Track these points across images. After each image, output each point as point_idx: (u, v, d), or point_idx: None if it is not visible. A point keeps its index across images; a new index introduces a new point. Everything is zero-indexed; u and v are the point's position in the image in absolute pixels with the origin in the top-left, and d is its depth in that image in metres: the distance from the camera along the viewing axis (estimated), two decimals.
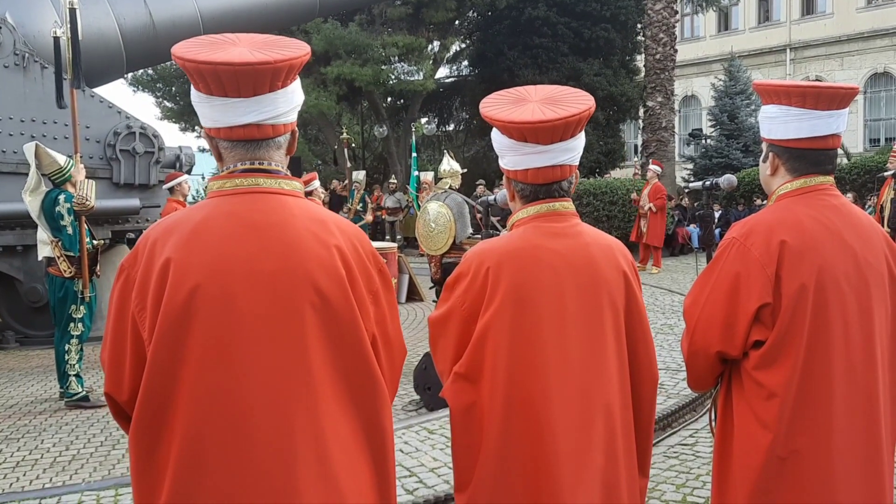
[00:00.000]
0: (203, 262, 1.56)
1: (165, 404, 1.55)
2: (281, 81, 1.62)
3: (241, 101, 1.60)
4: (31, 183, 5.75)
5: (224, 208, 1.63)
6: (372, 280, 1.72)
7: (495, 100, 2.05)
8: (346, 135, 16.10)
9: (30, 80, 8.15)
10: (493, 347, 1.87)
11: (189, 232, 1.60)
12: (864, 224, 2.17)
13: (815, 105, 2.10)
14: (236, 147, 1.66)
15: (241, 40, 1.65)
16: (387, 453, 1.70)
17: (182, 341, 1.54)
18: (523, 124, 1.90)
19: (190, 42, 1.65)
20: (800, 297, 2.03)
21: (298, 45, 1.69)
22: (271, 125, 1.65)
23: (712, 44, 31.41)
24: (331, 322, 1.61)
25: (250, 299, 1.56)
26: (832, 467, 2.05)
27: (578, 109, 1.93)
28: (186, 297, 1.54)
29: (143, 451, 1.58)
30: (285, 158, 1.73)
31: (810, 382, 2.04)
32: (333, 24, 19.56)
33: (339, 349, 1.62)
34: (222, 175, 1.68)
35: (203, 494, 1.53)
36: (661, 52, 17.52)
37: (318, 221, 1.66)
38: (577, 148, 2.00)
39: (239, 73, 1.56)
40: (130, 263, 1.64)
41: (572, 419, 1.86)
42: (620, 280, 1.98)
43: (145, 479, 1.58)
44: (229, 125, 1.63)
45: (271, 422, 1.55)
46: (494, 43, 22.48)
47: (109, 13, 9.02)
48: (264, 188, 1.65)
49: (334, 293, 1.61)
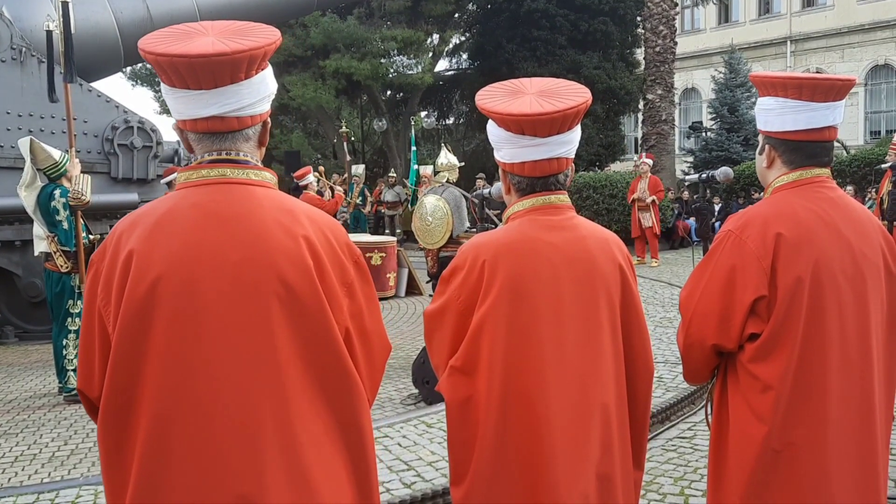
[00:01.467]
0: (166, 254, 1.54)
1: (130, 399, 1.54)
2: (243, 72, 1.58)
3: (202, 94, 1.57)
4: (26, 178, 5.75)
5: (190, 199, 1.61)
6: (346, 272, 1.67)
7: (491, 92, 2.03)
8: (345, 128, 16.11)
9: (27, 74, 8.13)
10: (490, 341, 1.86)
11: (153, 223, 1.58)
12: (861, 216, 2.16)
13: (811, 97, 2.09)
14: (203, 139, 1.63)
15: (211, 29, 1.62)
16: (365, 450, 1.67)
17: (144, 334, 1.53)
18: (521, 116, 1.89)
19: (158, 33, 1.62)
20: (795, 290, 2.02)
21: (267, 33, 1.64)
22: (236, 117, 1.61)
23: (713, 36, 31.35)
24: (298, 314, 1.57)
25: (214, 290, 1.54)
26: (827, 459, 2.05)
27: (576, 102, 1.92)
28: (148, 288, 1.52)
29: (110, 445, 1.57)
30: (257, 149, 1.70)
31: (806, 375, 2.03)
32: (332, 17, 19.52)
33: (308, 341, 1.59)
34: (190, 166, 1.66)
35: (168, 489, 1.51)
36: (661, 44, 17.48)
37: (286, 212, 1.63)
38: (573, 141, 1.99)
39: (195, 64, 1.53)
40: (99, 257, 1.62)
41: (569, 412, 1.86)
42: (616, 273, 1.97)
43: (114, 473, 1.57)
44: (193, 118, 1.60)
45: (237, 415, 1.52)
46: (493, 36, 22.41)
47: (107, 7, 9.00)
48: (231, 179, 1.62)
49: (301, 284, 1.57)
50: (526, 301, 1.87)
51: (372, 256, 10.33)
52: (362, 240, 10.91)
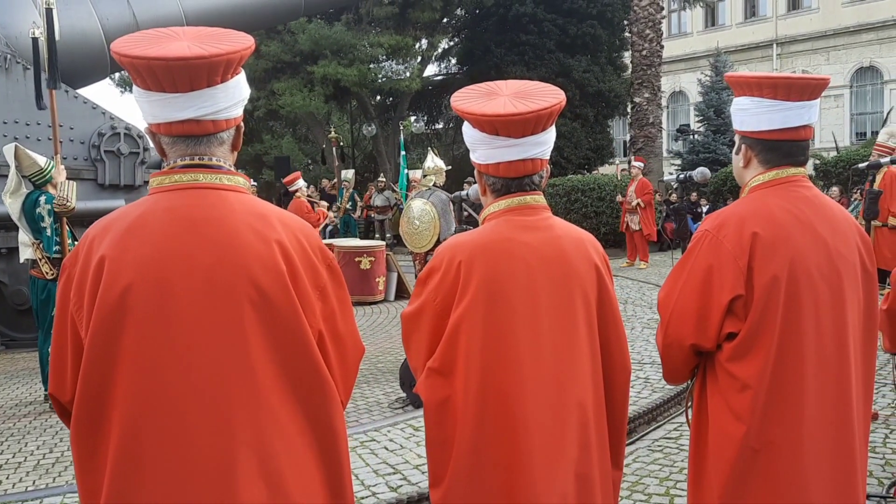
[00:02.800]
0: (137, 259, 1.54)
1: (102, 403, 1.54)
2: (220, 76, 1.59)
3: (178, 97, 1.57)
4: (10, 185, 5.72)
5: (162, 204, 1.61)
6: (318, 275, 1.68)
7: (466, 94, 2.04)
8: (334, 134, 16.07)
9: (12, 81, 8.10)
10: (467, 341, 1.87)
11: (124, 229, 1.58)
12: (837, 215, 2.17)
13: (786, 96, 2.11)
14: (177, 143, 1.64)
15: (184, 34, 1.63)
16: (339, 451, 1.68)
17: (116, 340, 1.53)
18: (495, 117, 1.90)
19: (131, 37, 1.62)
20: (772, 289, 2.03)
21: (241, 39, 1.65)
22: (211, 121, 1.62)
23: (699, 40, 31.48)
24: (271, 317, 1.58)
25: (186, 295, 1.54)
26: (804, 458, 2.06)
27: (549, 103, 1.93)
28: (119, 294, 1.53)
29: (84, 450, 1.57)
30: (230, 154, 1.71)
31: (783, 374, 2.05)
32: (319, 23, 19.51)
33: (280, 344, 1.59)
34: (163, 171, 1.66)
35: (141, 493, 1.52)
36: (648, 48, 17.55)
37: (258, 216, 1.64)
38: (548, 142, 2.00)
39: (173, 67, 1.53)
40: (71, 262, 1.63)
41: (546, 412, 1.86)
42: (592, 272, 1.98)
43: (88, 478, 1.58)
44: (168, 121, 1.60)
45: (210, 419, 1.53)
46: (482, 41, 22.47)
47: (92, 13, 8.99)
48: (203, 183, 1.63)
49: (273, 288, 1.58)
50: (502, 301, 1.88)
51: (361, 261, 10.32)
52: (351, 244, 10.90)
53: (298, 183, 11.05)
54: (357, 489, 3.83)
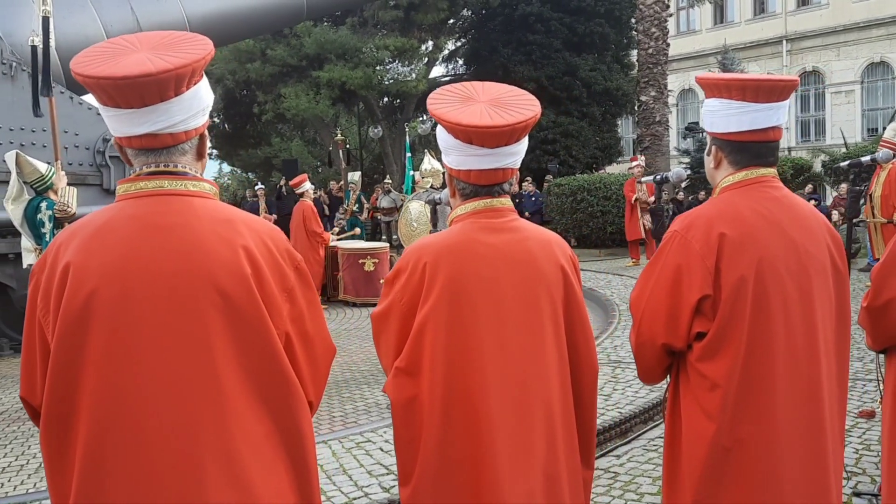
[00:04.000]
0: (101, 266, 1.56)
1: (69, 407, 1.57)
2: (172, 91, 1.59)
3: (132, 112, 1.59)
4: (12, 191, 5.80)
5: (127, 211, 1.64)
6: (285, 277, 1.70)
7: (443, 96, 2.05)
8: (340, 136, 16.14)
9: (17, 88, 8.19)
10: (431, 341, 1.90)
11: (89, 235, 1.61)
12: (807, 215, 2.18)
13: (754, 98, 2.12)
14: (140, 154, 1.66)
15: (142, 44, 1.63)
16: (306, 454, 1.69)
17: (81, 345, 1.55)
18: (469, 128, 1.91)
19: (90, 52, 1.63)
20: (739, 289, 2.05)
21: (196, 48, 1.65)
22: (169, 134, 1.63)
23: (708, 37, 31.34)
24: (236, 322, 1.60)
25: (149, 301, 1.56)
26: (776, 456, 2.07)
27: (525, 116, 1.95)
28: (84, 301, 1.55)
29: (53, 452, 1.60)
30: (196, 161, 1.72)
31: (752, 372, 2.06)
32: (325, 27, 19.60)
33: (246, 349, 1.61)
34: (128, 178, 1.68)
35: (106, 495, 1.54)
36: (654, 46, 17.49)
37: (224, 222, 1.65)
38: (520, 152, 2.03)
39: (121, 86, 1.54)
40: (39, 268, 1.65)
41: (510, 411, 1.89)
42: (558, 273, 2.00)
43: (58, 479, 1.61)
44: (128, 135, 1.63)
45: (174, 423, 1.55)
46: (488, 41, 22.52)
47: (96, 20, 9.08)
48: (168, 190, 1.65)
49: (238, 293, 1.60)
50: (466, 302, 1.90)
51: (365, 262, 10.36)
52: (355, 246, 10.95)
53: (305, 185, 11.09)
54: (350, 490, 3.87)
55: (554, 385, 1.95)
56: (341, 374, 6.70)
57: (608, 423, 4.79)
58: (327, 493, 3.84)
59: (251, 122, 24.25)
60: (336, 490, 3.88)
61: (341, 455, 4.38)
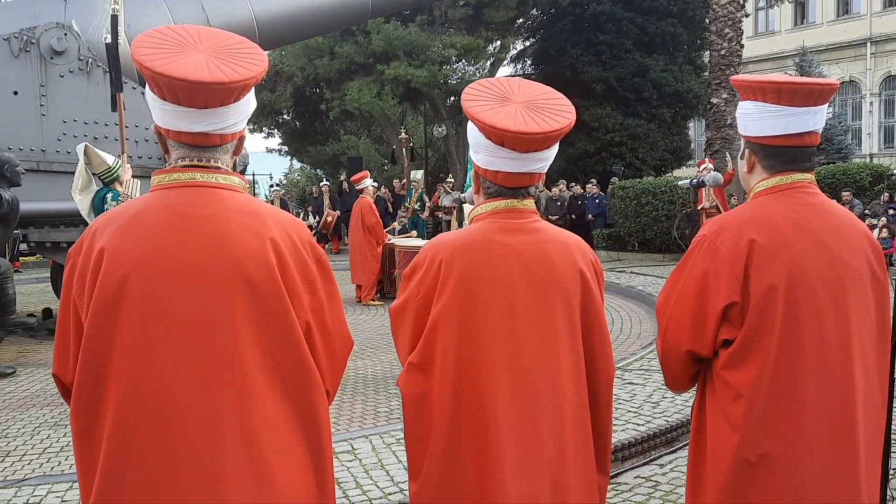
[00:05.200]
0: (134, 252, 1.64)
1: (99, 385, 1.64)
2: (233, 98, 1.69)
3: (192, 111, 1.67)
4: (79, 182, 6.06)
5: (161, 201, 1.72)
6: (308, 269, 1.77)
7: (478, 93, 2.03)
8: (404, 134, 16.27)
9: (93, 83, 8.55)
10: (443, 339, 1.90)
11: (125, 223, 1.69)
12: (844, 223, 2.10)
13: (790, 101, 2.05)
14: (183, 147, 1.74)
15: (200, 42, 1.71)
16: (322, 440, 1.75)
17: (112, 328, 1.63)
18: (503, 131, 1.89)
19: (149, 41, 1.70)
20: (768, 297, 1.98)
21: (256, 59, 1.74)
22: (219, 134, 1.72)
23: (787, 38, 30.38)
24: (260, 310, 1.67)
25: (178, 288, 1.64)
26: (803, 472, 2.00)
27: (560, 125, 1.93)
28: (116, 285, 1.63)
29: (82, 428, 1.68)
30: (231, 159, 1.80)
31: (780, 384, 1.99)
32: (394, 24, 19.78)
33: (269, 336, 1.68)
34: (164, 170, 1.76)
35: (131, 472, 1.61)
36: (727, 47, 17.03)
37: (251, 214, 1.73)
38: (549, 158, 2.01)
39: (192, 88, 1.63)
40: (76, 251, 1.74)
41: (518, 412, 1.87)
42: (576, 277, 1.97)
43: (86, 454, 1.68)
44: (178, 129, 1.71)
45: (197, 404, 1.62)
46: (557, 41, 22.34)
47: (169, 18, 9.38)
48: (201, 182, 1.72)
49: (264, 282, 1.67)
50: (478, 301, 1.90)
51: None
52: (412, 244, 11.01)
53: (365, 182, 11.24)
54: (386, 485, 3.90)
55: (567, 389, 1.92)
56: (390, 370, 6.76)
57: (653, 432, 4.70)
58: (363, 487, 3.88)
59: (319, 119, 24.66)
60: (372, 484, 3.92)
61: (381, 450, 4.42)
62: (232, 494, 1.61)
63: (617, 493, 4.07)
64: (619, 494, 4.05)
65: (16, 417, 5.42)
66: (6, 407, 5.72)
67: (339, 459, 4.24)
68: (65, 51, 8.28)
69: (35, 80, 8.20)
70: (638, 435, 4.62)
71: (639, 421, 4.88)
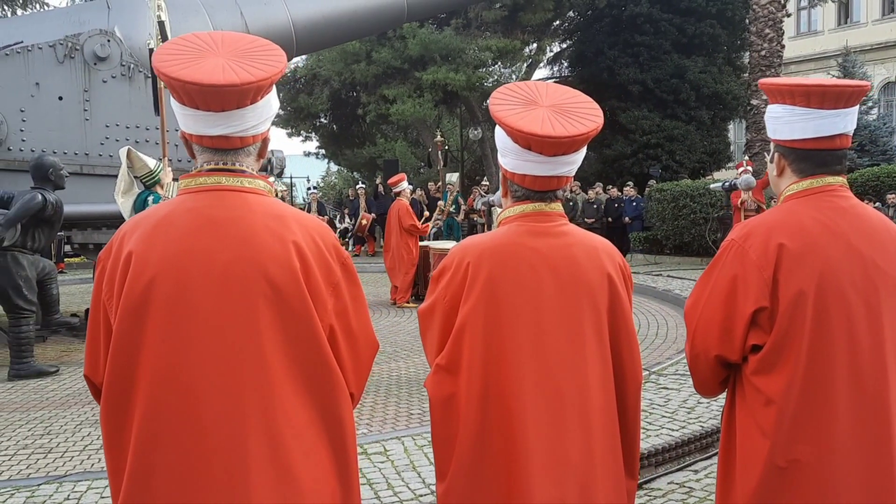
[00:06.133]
0: (161, 255, 1.68)
1: (128, 385, 1.68)
2: (249, 99, 1.70)
3: (210, 115, 1.70)
4: (122, 185, 6.20)
5: (187, 205, 1.75)
6: (332, 272, 1.78)
7: (506, 97, 2.04)
8: (439, 138, 16.33)
9: (135, 88, 8.73)
10: (470, 341, 1.92)
11: (152, 226, 1.73)
12: (877, 227, 2.07)
13: (820, 104, 2.03)
14: (206, 150, 1.77)
15: (221, 47, 1.74)
16: (346, 442, 1.76)
17: (140, 329, 1.67)
18: (530, 135, 1.91)
19: (170, 49, 1.75)
20: (798, 302, 1.96)
21: (273, 61, 1.75)
22: (239, 137, 1.74)
23: (831, 38, 29.74)
24: (284, 312, 1.69)
25: (204, 290, 1.67)
26: (834, 478, 1.97)
27: (587, 128, 1.94)
28: (144, 288, 1.66)
29: (112, 427, 1.72)
30: (256, 162, 1.83)
31: (810, 390, 1.97)
32: (429, 28, 19.84)
33: (293, 338, 1.70)
34: (190, 174, 1.80)
35: (159, 471, 1.65)
36: (767, 48, 16.75)
37: (276, 217, 1.75)
38: (577, 161, 2.02)
39: (206, 91, 1.66)
40: (105, 255, 1.78)
41: (545, 415, 1.88)
42: (603, 281, 1.97)
43: (116, 453, 1.72)
44: (199, 134, 1.74)
45: (222, 405, 1.65)
46: (594, 42, 22.19)
47: (208, 24, 9.55)
48: (226, 186, 1.75)
49: (287, 285, 1.69)
50: (505, 304, 1.91)
51: None
52: (447, 246, 11.03)
53: (402, 185, 11.30)
54: (417, 486, 3.93)
55: (594, 392, 1.92)
56: (424, 371, 6.79)
57: (688, 437, 4.66)
58: (395, 489, 3.91)
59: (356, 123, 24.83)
60: (403, 486, 3.95)
61: (413, 452, 4.44)
62: (256, 496, 1.63)
63: (650, 498, 4.03)
64: (652, 500, 4.01)
65: (58, 415, 5.56)
66: (49, 404, 5.88)
67: (371, 460, 4.29)
68: (108, 56, 8.48)
69: (79, 85, 8.41)
70: (672, 440, 4.58)
71: (673, 426, 4.84)
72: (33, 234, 6.68)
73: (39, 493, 3.89)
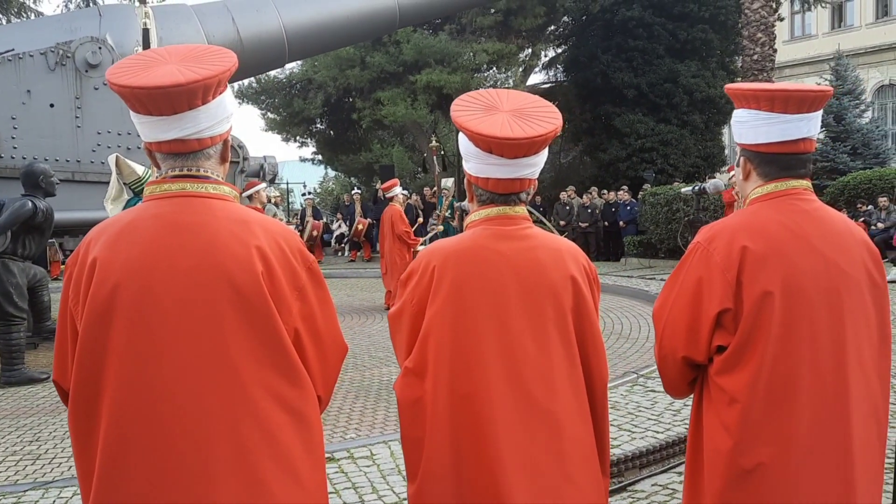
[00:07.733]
0: (125, 261, 1.70)
1: (94, 393, 1.70)
2: (200, 99, 1.72)
3: (163, 119, 1.72)
4: (112, 192, 6.21)
5: (151, 211, 1.77)
6: (297, 276, 1.80)
7: (467, 103, 2.08)
8: (435, 142, 16.36)
9: None
10: (436, 344, 1.95)
11: (116, 233, 1.75)
12: (840, 229, 2.10)
13: (784, 109, 2.06)
14: (168, 158, 1.80)
15: (171, 57, 1.77)
16: (314, 445, 1.78)
17: (105, 335, 1.68)
18: (490, 138, 1.95)
19: (124, 63, 1.78)
20: (762, 304, 1.99)
21: (222, 60, 1.78)
22: (196, 139, 1.76)
23: (825, 42, 29.84)
24: (249, 316, 1.70)
25: (168, 294, 1.69)
26: (795, 478, 2.00)
27: (545, 130, 1.97)
28: (108, 293, 1.68)
29: (80, 434, 1.74)
30: (219, 166, 1.85)
31: (774, 391, 2.00)
32: (423, 33, 19.89)
33: (259, 342, 1.71)
34: (155, 181, 1.82)
35: (124, 480, 1.66)
36: (759, 52, 16.80)
37: (240, 222, 1.77)
38: (539, 163, 2.05)
39: (154, 95, 1.68)
40: (72, 262, 1.80)
41: (514, 416, 1.90)
42: (567, 283, 2.00)
43: (84, 459, 1.74)
44: (157, 140, 1.77)
45: (188, 408, 1.66)
46: (588, 47, 22.26)
47: (200, 31, 9.59)
48: (190, 192, 1.78)
49: (249, 289, 1.70)
50: (470, 307, 1.94)
51: None
52: None
53: (395, 190, 11.34)
54: (402, 490, 3.93)
55: (562, 391, 1.95)
56: None
57: (673, 439, 4.68)
58: (379, 492, 3.93)
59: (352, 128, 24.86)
60: (388, 489, 3.97)
61: (399, 456, 4.46)
62: (220, 498, 1.65)
63: (634, 500, 4.06)
64: (636, 502, 4.04)
65: (48, 422, 5.58)
66: (39, 411, 5.89)
67: (357, 464, 4.31)
68: (99, 64, 8.49)
69: (70, 92, 8.44)
70: (657, 442, 4.60)
71: (658, 429, 4.86)
72: (24, 241, 6.69)
73: (26, 499, 3.90)
